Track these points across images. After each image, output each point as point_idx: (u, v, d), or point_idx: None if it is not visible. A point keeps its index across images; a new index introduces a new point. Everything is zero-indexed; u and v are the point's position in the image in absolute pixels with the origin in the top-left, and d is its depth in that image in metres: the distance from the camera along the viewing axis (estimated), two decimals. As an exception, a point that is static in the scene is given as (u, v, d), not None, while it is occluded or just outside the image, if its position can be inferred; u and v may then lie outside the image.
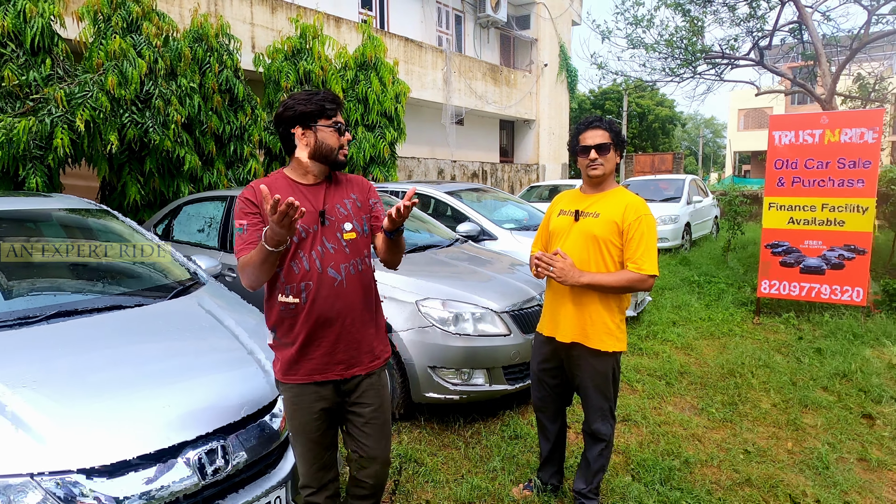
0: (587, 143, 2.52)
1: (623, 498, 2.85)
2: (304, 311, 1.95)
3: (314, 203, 1.99)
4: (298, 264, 1.95)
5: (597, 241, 2.48)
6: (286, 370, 1.99)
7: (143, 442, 1.85)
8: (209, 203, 4.99)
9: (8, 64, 5.31)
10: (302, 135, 1.97)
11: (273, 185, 1.96)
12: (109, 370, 2.13)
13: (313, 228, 1.96)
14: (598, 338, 2.50)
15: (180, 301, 2.79)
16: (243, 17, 9.50)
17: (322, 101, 1.96)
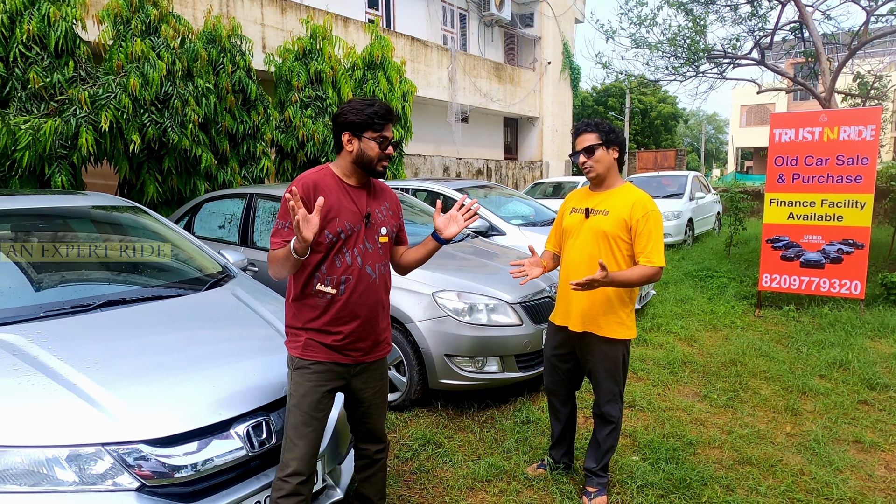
0: (577, 148, 2.72)
1: (631, 476, 3.04)
2: (340, 303, 2.10)
3: (359, 205, 2.15)
4: (342, 259, 2.09)
5: (606, 238, 2.62)
6: (308, 348, 2.12)
7: (199, 416, 2.04)
8: (229, 200, 5.17)
9: (33, 66, 5.51)
10: (348, 141, 2.11)
11: (322, 181, 2.11)
12: (161, 353, 2.32)
13: (358, 227, 2.12)
14: (610, 327, 2.67)
15: (216, 292, 2.98)
16: (254, 17, 9.68)
17: (373, 114, 2.08)
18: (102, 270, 3.07)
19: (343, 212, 2.11)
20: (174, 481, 1.95)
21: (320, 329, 2.12)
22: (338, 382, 2.17)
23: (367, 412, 2.30)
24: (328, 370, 2.13)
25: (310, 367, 2.12)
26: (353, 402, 2.30)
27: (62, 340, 2.26)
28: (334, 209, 2.09)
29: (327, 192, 2.09)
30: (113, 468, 1.88)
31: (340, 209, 2.11)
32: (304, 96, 8.19)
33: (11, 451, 1.82)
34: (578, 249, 2.71)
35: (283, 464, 2.07)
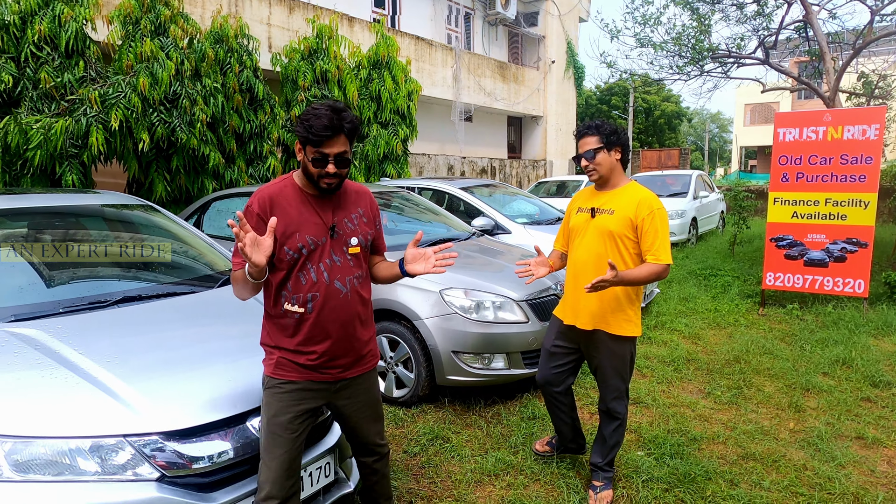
0: (579, 151, 2.76)
1: (636, 470, 3.08)
2: (310, 321, 1.99)
3: (323, 216, 2.01)
4: (306, 276, 1.98)
5: (613, 237, 2.66)
6: (280, 367, 2.02)
7: (216, 410, 2.09)
8: (238, 199, 5.23)
9: (44, 66, 5.58)
10: (299, 150, 1.97)
11: (280, 193, 1.99)
12: (177, 348, 2.38)
13: (322, 241, 1.99)
14: (619, 324, 2.70)
15: (228, 289, 3.03)
16: (261, 17, 9.74)
17: (309, 128, 1.89)
18: (117, 268, 3.13)
19: (304, 225, 1.98)
20: (192, 472, 2.00)
21: (293, 349, 2.02)
22: (316, 402, 2.08)
23: (356, 426, 2.23)
24: (302, 389, 2.04)
25: (281, 387, 2.03)
26: (339, 418, 2.22)
27: (82, 335, 2.32)
28: (293, 223, 1.97)
29: (286, 206, 1.97)
30: (133, 459, 1.94)
31: (301, 223, 1.98)
32: (311, 95, 8.24)
33: (36, 442, 1.88)
34: (585, 249, 2.73)
35: (259, 486, 2.01)
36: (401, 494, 2.93)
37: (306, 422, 2.06)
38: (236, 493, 2.07)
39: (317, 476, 2.35)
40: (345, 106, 1.94)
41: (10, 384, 2.01)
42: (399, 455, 3.35)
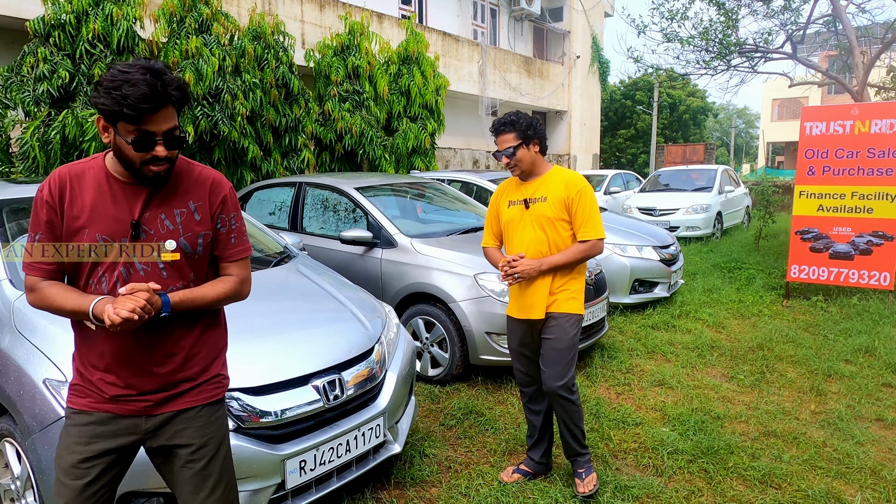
0: (498, 149, 2.74)
1: (661, 443, 3.27)
2: (105, 340, 1.57)
3: (128, 209, 1.54)
4: (97, 286, 1.55)
5: (551, 223, 2.66)
6: (75, 392, 1.61)
7: (284, 370, 2.34)
8: (279, 189, 5.50)
9: (97, 63, 5.91)
10: (103, 127, 1.49)
11: (82, 175, 1.54)
12: (244, 318, 2.62)
13: (120, 242, 1.53)
14: (566, 302, 2.69)
15: (282, 269, 3.29)
16: (294, 15, 10.02)
17: (129, 98, 1.39)
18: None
19: (98, 219, 1.52)
20: (263, 425, 2.25)
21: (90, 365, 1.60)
22: (116, 441, 1.59)
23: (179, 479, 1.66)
24: (96, 423, 1.58)
25: (72, 418, 1.60)
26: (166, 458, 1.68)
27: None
28: (85, 214, 1.52)
29: (81, 191, 1.53)
30: (213, 411, 2.18)
31: (95, 215, 1.52)
32: (343, 90, 8.50)
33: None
34: (526, 239, 2.70)
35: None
36: (441, 461, 3.15)
37: (103, 467, 1.58)
38: (300, 445, 2.31)
39: (368, 436, 2.59)
40: (165, 66, 1.47)
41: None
42: (436, 427, 3.57)
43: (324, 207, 5.07)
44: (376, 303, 3.22)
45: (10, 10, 7.09)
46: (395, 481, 2.93)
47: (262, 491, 2.22)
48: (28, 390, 2.15)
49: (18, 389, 2.19)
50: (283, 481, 2.26)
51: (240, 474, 2.15)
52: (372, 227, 4.55)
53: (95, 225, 1.51)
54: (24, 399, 2.16)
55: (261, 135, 7.31)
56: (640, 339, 5.13)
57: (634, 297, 5.99)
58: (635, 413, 3.70)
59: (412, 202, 5.46)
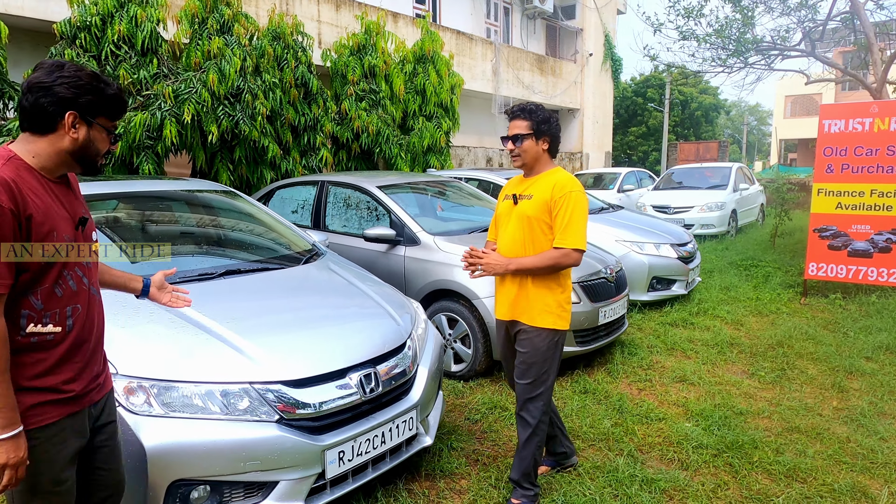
0: (508, 132, 2.59)
1: (686, 438, 3.31)
2: (68, 341, 1.57)
3: (69, 208, 1.60)
4: (63, 285, 1.56)
5: (530, 222, 2.53)
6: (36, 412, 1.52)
7: (322, 364, 2.42)
8: (301, 187, 5.58)
9: (122, 64, 6.01)
10: (75, 124, 1.54)
11: (22, 179, 1.48)
12: (281, 312, 2.71)
13: (73, 240, 1.58)
14: (539, 315, 2.53)
15: (313, 265, 3.37)
16: (311, 15, 10.11)
17: (114, 98, 1.60)
18: (215, 245, 3.49)
19: (57, 220, 1.54)
20: (303, 416, 2.32)
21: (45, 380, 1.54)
22: (80, 439, 1.64)
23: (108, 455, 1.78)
24: (67, 429, 1.59)
25: (40, 435, 1.54)
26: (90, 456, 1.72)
27: (201, 301, 2.64)
28: (49, 218, 1.51)
29: (33, 195, 1.49)
30: (256, 403, 2.26)
31: (52, 216, 1.53)
32: (359, 89, 8.57)
33: (175, 386, 2.21)
34: (508, 235, 2.63)
35: None
36: (468, 454, 3.22)
37: (76, 463, 1.64)
38: (339, 436, 2.38)
39: (402, 429, 2.66)
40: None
41: (152, 339, 2.36)
42: (462, 421, 3.64)
43: (346, 206, 5.14)
44: (404, 299, 3.28)
45: (36, 12, 7.22)
46: (426, 473, 3.00)
47: (304, 480, 2.29)
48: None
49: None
50: (322, 471, 2.33)
51: (282, 464, 2.24)
52: (395, 225, 4.62)
53: (58, 226, 1.53)
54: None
55: (280, 134, 7.40)
56: (659, 336, 5.17)
57: (652, 294, 6.02)
58: (658, 408, 3.75)
59: (433, 200, 5.52)
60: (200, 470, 2.14)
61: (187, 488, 2.15)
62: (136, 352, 2.27)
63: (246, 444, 2.18)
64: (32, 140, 1.54)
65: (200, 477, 2.15)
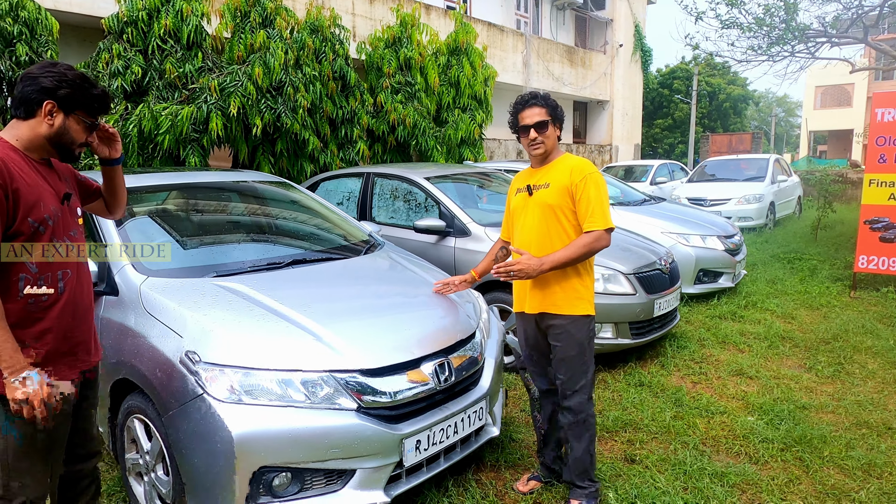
0: (526, 122, 2.50)
1: (751, 431, 3.26)
2: (61, 302, 1.78)
3: (53, 184, 1.82)
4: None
5: (552, 210, 2.48)
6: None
7: (398, 353, 2.42)
8: (346, 179, 5.60)
9: (168, 58, 6.08)
10: (51, 112, 1.75)
11: (9, 158, 1.69)
12: (355, 301, 2.72)
13: (60, 212, 1.80)
14: (569, 303, 2.49)
15: (374, 256, 3.37)
16: (346, 8, 10.13)
17: (95, 97, 1.82)
18: (278, 235, 3.52)
19: (43, 194, 1.75)
20: (380, 405, 2.33)
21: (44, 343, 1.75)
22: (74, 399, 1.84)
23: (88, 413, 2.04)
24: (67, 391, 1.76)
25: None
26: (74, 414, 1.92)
27: (274, 289, 2.68)
28: (34, 190, 1.72)
29: (21, 172, 1.71)
30: (336, 391, 2.27)
31: (40, 190, 1.75)
32: (395, 82, 8.56)
33: (257, 373, 2.23)
34: (527, 228, 2.56)
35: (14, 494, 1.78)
36: (528, 445, 3.21)
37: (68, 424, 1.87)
38: (416, 425, 2.38)
39: (473, 419, 2.66)
40: None
41: (232, 327, 2.38)
42: (517, 413, 3.63)
43: (393, 197, 5.15)
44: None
45: (84, 7, 7.34)
46: (490, 464, 3.01)
47: (383, 468, 2.30)
48: (165, 369, 2.27)
49: (154, 368, 2.31)
50: (400, 460, 2.33)
51: (363, 452, 2.25)
52: (444, 217, 4.61)
53: (45, 198, 1.75)
54: (160, 377, 2.28)
55: (319, 127, 7.43)
56: (709, 329, 5.09)
57: (699, 286, 5.94)
58: (717, 402, 3.69)
59: (479, 192, 5.50)
60: (285, 457, 2.16)
61: (271, 475, 2.17)
62: (219, 340, 2.29)
63: (328, 432, 2.19)
64: (17, 125, 1.77)
65: (284, 464, 2.17)
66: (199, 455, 2.15)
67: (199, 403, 2.15)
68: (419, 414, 2.44)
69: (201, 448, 2.14)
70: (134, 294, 2.59)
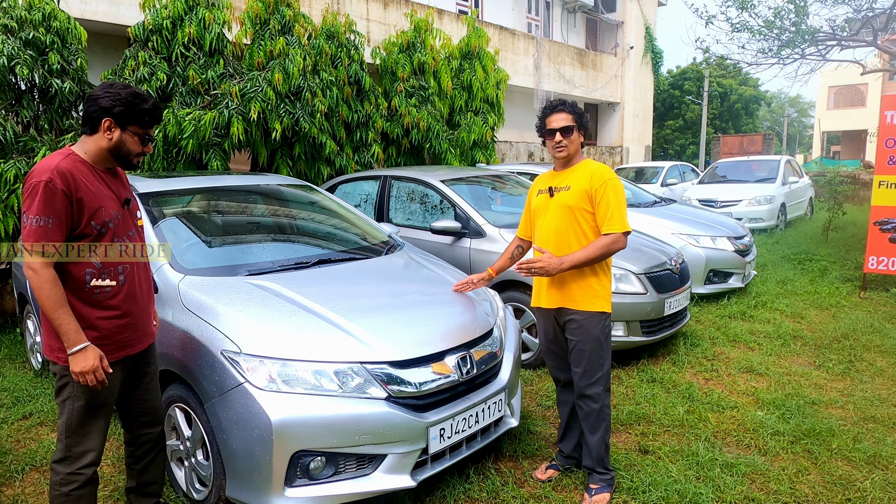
0: (552, 126, 2.67)
1: (762, 425, 3.37)
2: (122, 293, 2.09)
3: (115, 190, 2.11)
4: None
5: (571, 211, 2.64)
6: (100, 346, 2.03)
7: (423, 347, 2.56)
8: (363, 182, 5.76)
9: (191, 65, 6.27)
10: (108, 128, 2.03)
11: (75, 168, 1.98)
12: (380, 298, 2.87)
13: (121, 215, 2.10)
14: (585, 300, 2.65)
15: (395, 256, 3.52)
16: (360, 13, 10.31)
17: (145, 112, 2.07)
18: (304, 235, 3.68)
19: (105, 200, 2.05)
20: (407, 395, 2.47)
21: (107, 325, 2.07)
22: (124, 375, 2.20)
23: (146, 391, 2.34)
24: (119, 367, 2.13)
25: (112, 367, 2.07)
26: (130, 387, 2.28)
27: (303, 286, 2.83)
28: (97, 197, 2.02)
29: (85, 181, 2.00)
30: (367, 381, 2.42)
31: (102, 197, 2.04)
32: (409, 86, 8.72)
33: (293, 364, 2.38)
34: (547, 227, 2.71)
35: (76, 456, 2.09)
36: (545, 437, 3.34)
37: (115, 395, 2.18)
38: (440, 414, 2.52)
39: (493, 410, 2.79)
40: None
41: (268, 321, 2.53)
42: (534, 407, 3.76)
43: (409, 199, 5.30)
44: (483, 287, 3.41)
45: (109, 16, 7.57)
46: (509, 454, 3.14)
47: (410, 454, 2.44)
48: (207, 360, 2.43)
49: (196, 360, 2.46)
50: (426, 446, 2.47)
51: (392, 438, 2.39)
52: (460, 218, 4.75)
53: (107, 203, 2.04)
54: (202, 368, 2.44)
55: (335, 130, 7.60)
56: (719, 329, 5.19)
57: (709, 287, 6.04)
58: (728, 397, 3.80)
59: (493, 194, 5.63)
60: (320, 442, 2.30)
61: (307, 459, 2.32)
62: (257, 333, 2.45)
63: (360, 419, 2.34)
64: (85, 141, 2.07)
65: (319, 448, 2.31)
66: (239, 440, 2.30)
67: (240, 392, 2.31)
68: (443, 404, 2.57)
69: (242, 433, 2.29)
70: (173, 291, 2.75)
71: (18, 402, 3.87)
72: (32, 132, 5.56)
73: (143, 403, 2.35)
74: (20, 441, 3.38)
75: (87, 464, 2.11)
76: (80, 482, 2.10)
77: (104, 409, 2.14)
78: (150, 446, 2.42)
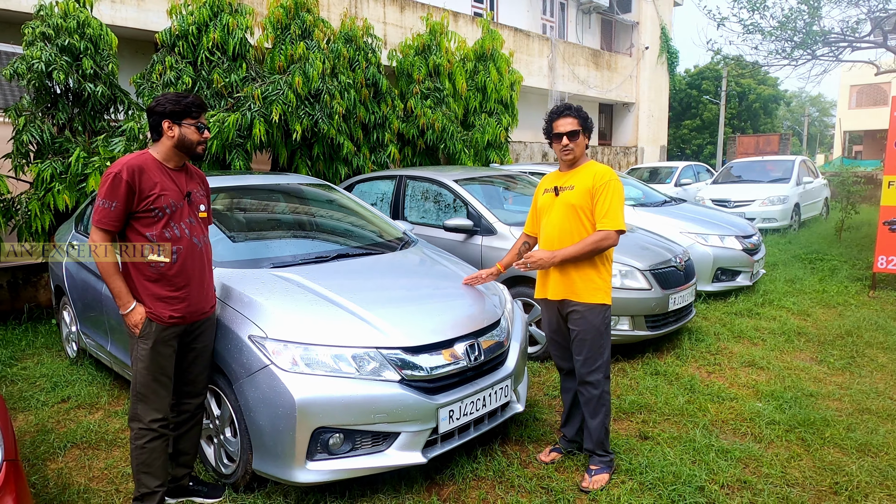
0: (559, 130, 2.84)
1: (758, 414, 3.51)
2: (175, 269, 2.44)
3: (180, 185, 2.48)
4: (171, 232, 2.43)
5: (575, 210, 2.81)
6: (161, 316, 2.43)
7: (434, 334, 2.76)
8: (380, 181, 5.98)
9: (216, 69, 6.53)
10: (169, 128, 2.43)
11: (145, 164, 2.39)
12: (395, 290, 3.08)
13: (181, 204, 2.47)
14: (588, 293, 2.81)
15: (409, 251, 3.73)
16: (377, 17, 10.55)
17: (190, 104, 2.44)
18: (323, 232, 3.90)
19: (167, 190, 2.41)
20: (419, 378, 2.67)
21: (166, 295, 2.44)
22: (178, 341, 2.52)
23: (194, 364, 2.63)
24: (175, 333, 2.49)
25: (163, 333, 2.45)
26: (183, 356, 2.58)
27: (323, 278, 3.04)
28: (159, 186, 2.39)
29: (151, 174, 2.39)
30: (382, 365, 2.62)
31: (164, 188, 2.41)
32: (424, 88, 8.92)
33: (314, 348, 2.59)
34: (551, 224, 2.88)
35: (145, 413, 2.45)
36: (550, 424, 3.52)
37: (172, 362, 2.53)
38: (450, 397, 2.72)
39: (499, 395, 2.98)
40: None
41: (292, 309, 2.75)
42: (541, 397, 3.94)
43: (423, 198, 5.50)
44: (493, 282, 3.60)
45: (138, 22, 7.88)
46: (515, 439, 3.32)
47: (422, 433, 2.64)
48: (235, 344, 2.65)
49: (226, 344, 2.69)
50: (436, 426, 2.67)
51: (405, 417, 2.59)
52: (472, 216, 4.94)
53: (167, 194, 2.42)
54: (231, 351, 2.66)
55: (352, 132, 7.83)
56: (725, 325, 5.32)
57: (717, 285, 6.16)
58: (728, 389, 3.95)
59: (505, 193, 5.82)
60: (339, 419, 2.51)
61: (327, 435, 2.53)
62: (281, 320, 2.66)
63: (375, 399, 2.54)
64: (156, 144, 2.49)
65: (338, 425, 2.52)
66: (265, 417, 2.52)
67: (266, 373, 2.52)
68: (453, 388, 2.77)
69: (267, 411, 2.51)
70: (205, 282, 2.97)
71: (57, 386, 4.15)
72: (67, 134, 5.86)
73: (189, 373, 2.64)
74: (60, 422, 3.64)
75: (153, 419, 2.46)
76: (150, 437, 2.46)
77: (166, 370, 2.49)
78: (189, 416, 2.69)
